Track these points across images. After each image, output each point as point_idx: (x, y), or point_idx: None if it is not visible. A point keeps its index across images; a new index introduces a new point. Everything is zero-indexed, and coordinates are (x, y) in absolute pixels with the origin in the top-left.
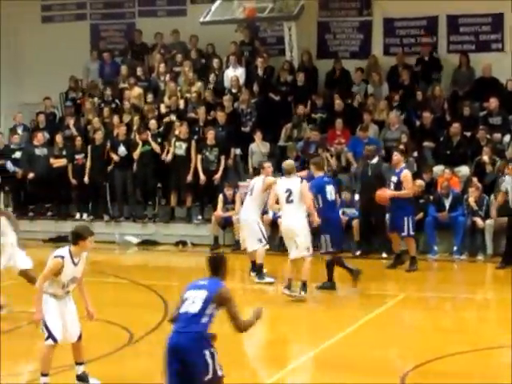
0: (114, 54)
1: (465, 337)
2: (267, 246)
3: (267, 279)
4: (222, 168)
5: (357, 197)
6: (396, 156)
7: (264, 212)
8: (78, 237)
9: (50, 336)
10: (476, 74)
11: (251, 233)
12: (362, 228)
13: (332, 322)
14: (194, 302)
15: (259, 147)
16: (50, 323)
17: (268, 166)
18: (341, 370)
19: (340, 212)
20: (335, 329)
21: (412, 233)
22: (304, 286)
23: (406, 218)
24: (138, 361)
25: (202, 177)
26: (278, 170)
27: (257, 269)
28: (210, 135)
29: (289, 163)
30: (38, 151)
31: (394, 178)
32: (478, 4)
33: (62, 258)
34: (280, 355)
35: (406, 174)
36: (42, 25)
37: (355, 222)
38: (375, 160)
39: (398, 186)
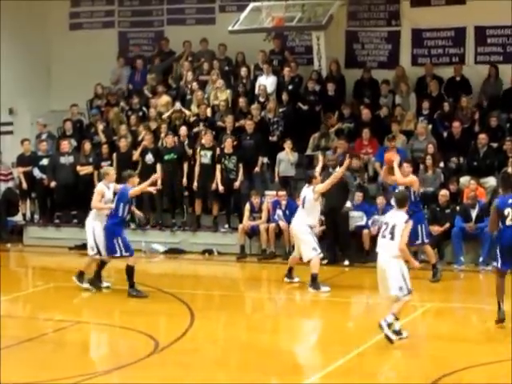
0: (144, 62)
1: (491, 347)
2: (321, 255)
3: (323, 288)
4: (240, 176)
5: None
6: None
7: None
8: None
9: None
10: (504, 85)
11: (304, 243)
12: (327, 237)
13: (360, 332)
14: None
15: (288, 156)
16: None
17: (318, 175)
18: (368, 379)
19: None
20: (363, 338)
21: (426, 240)
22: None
23: (418, 226)
24: (164, 370)
25: (221, 187)
26: (303, 179)
27: (312, 278)
28: (228, 144)
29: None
30: (63, 159)
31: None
32: (505, 16)
33: None
34: (307, 364)
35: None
36: (69, 32)
37: None
38: (338, 169)
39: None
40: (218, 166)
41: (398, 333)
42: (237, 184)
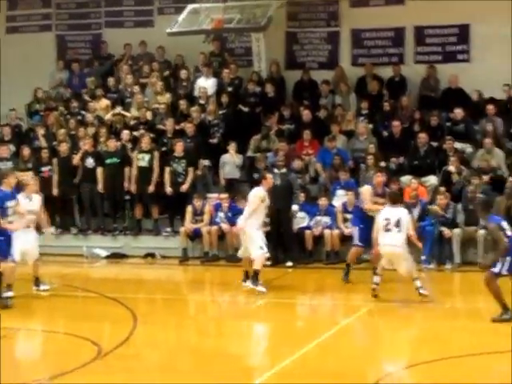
0: (81, 65)
1: (434, 346)
2: (267, 254)
3: (259, 288)
4: (189, 180)
5: None
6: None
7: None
8: None
9: None
10: (443, 84)
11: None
12: (270, 238)
13: (299, 333)
14: None
15: (233, 158)
16: None
17: (270, 177)
18: (312, 380)
19: None
20: (307, 339)
21: (357, 242)
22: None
23: (356, 228)
24: (108, 375)
25: (169, 189)
26: (247, 182)
27: (253, 274)
28: (179, 147)
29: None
30: (1, 165)
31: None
32: (444, 16)
33: None
34: (252, 367)
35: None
36: (6, 35)
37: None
38: (283, 170)
39: None
40: (167, 169)
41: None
42: (185, 187)
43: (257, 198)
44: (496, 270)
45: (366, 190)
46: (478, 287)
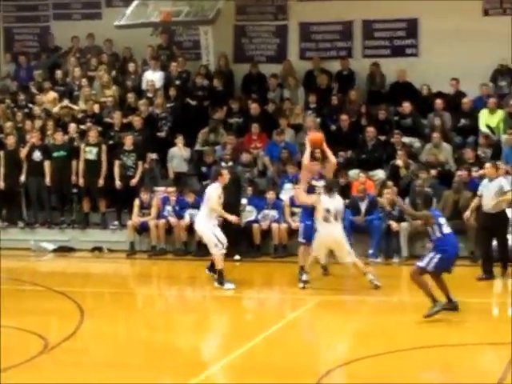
0: (29, 58)
1: (380, 339)
2: (223, 251)
3: (227, 285)
4: (139, 173)
5: None
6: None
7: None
8: None
9: None
10: (391, 78)
11: (207, 241)
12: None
13: (246, 327)
14: None
15: (181, 152)
16: None
17: (226, 173)
18: (256, 376)
19: None
20: (250, 334)
21: (300, 239)
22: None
23: (301, 224)
24: (54, 369)
25: (119, 182)
26: (195, 175)
27: (218, 274)
28: (128, 140)
29: None
30: None
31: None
32: (392, 9)
33: None
34: (195, 361)
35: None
36: None
37: None
38: (231, 163)
39: None
40: (117, 162)
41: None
42: (135, 181)
43: (215, 195)
44: (422, 264)
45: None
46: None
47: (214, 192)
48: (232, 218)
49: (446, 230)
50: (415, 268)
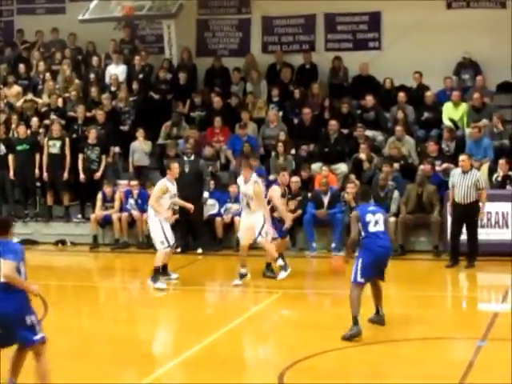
0: None
1: (343, 333)
2: (168, 249)
3: (158, 284)
4: (102, 167)
5: None
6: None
7: None
8: None
9: None
10: (354, 72)
11: (154, 235)
12: (180, 225)
13: (208, 321)
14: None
15: (142, 145)
16: None
17: (175, 166)
18: (217, 369)
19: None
20: (212, 327)
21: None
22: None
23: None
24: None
25: (82, 176)
26: (157, 169)
27: (153, 271)
28: (92, 134)
29: None
30: None
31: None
32: (355, 3)
33: None
34: (158, 354)
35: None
36: None
37: None
38: (193, 157)
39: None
40: (81, 156)
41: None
42: (98, 175)
43: (158, 191)
44: (352, 278)
45: (274, 192)
46: (388, 274)
47: (157, 187)
48: (167, 215)
49: (373, 228)
50: (350, 284)
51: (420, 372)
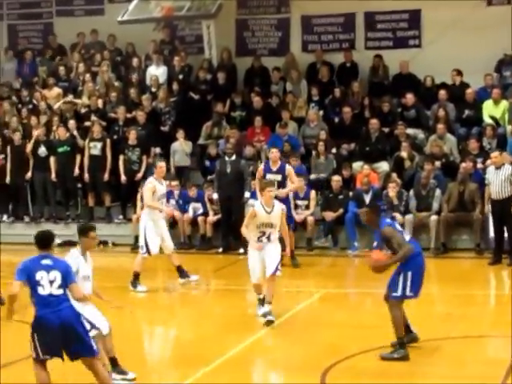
0: (34, 54)
1: (386, 332)
2: (146, 255)
3: (139, 288)
4: (143, 168)
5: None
6: (273, 154)
7: None
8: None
9: None
10: (394, 70)
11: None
12: (222, 225)
13: (250, 321)
14: None
15: (182, 146)
16: None
17: (162, 165)
18: (262, 369)
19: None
20: (253, 327)
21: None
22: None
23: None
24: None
25: (124, 177)
26: (199, 169)
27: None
28: (132, 135)
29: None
30: None
31: (277, 176)
32: (394, 1)
33: None
34: (200, 354)
35: (290, 168)
36: None
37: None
38: (234, 157)
39: (282, 182)
40: (122, 157)
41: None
42: (139, 175)
43: (147, 191)
44: (398, 294)
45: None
46: (430, 273)
47: (146, 186)
48: (167, 210)
49: (407, 236)
50: (391, 300)
51: (461, 371)
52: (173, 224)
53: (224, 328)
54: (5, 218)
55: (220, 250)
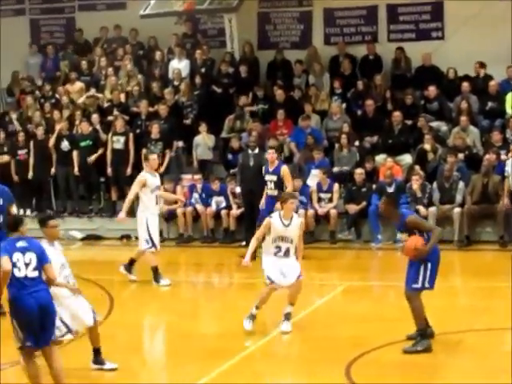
0: (57, 49)
1: (409, 325)
2: (153, 249)
3: (162, 281)
4: (166, 162)
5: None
6: (270, 154)
7: None
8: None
9: None
10: (417, 62)
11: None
12: (244, 219)
13: (273, 314)
14: None
15: (205, 139)
16: None
17: (153, 158)
18: (283, 362)
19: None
20: (277, 320)
21: None
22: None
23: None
24: (83, 356)
25: None
26: (221, 163)
27: (152, 271)
28: (155, 129)
29: None
30: None
31: (273, 177)
32: None
33: None
34: (224, 347)
35: (285, 169)
36: None
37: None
38: (257, 150)
39: (278, 183)
40: (144, 151)
41: None
42: (162, 169)
43: (136, 184)
44: (418, 286)
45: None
46: (453, 266)
47: (136, 180)
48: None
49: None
50: (410, 291)
51: (484, 363)
52: (196, 218)
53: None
54: (28, 212)
55: (243, 243)
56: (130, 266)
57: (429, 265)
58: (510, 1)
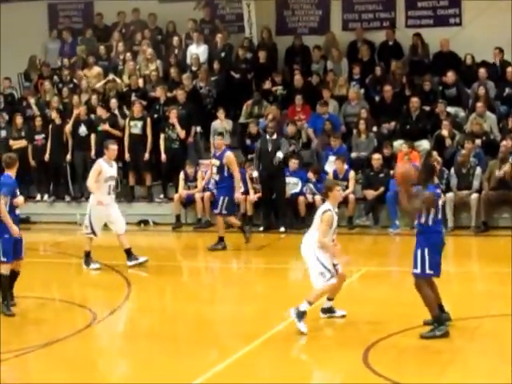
0: (74, 34)
1: (426, 310)
2: (92, 236)
3: (92, 265)
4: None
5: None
6: (217, 140)
7: None
8: None
9: None
10: (434, 48)
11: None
12: (263, 204)
13: (292, 299)
14: None
15: (223, 124)
16: None
17: (113, 148)
18: (301, 347)
19: None
20: (295, 305)
21: (224, 212)
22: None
23: (221, 198)
24: (100, 341)
25: (164, 156)
26: (240, 148)
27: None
28: (173, 114)
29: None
30: None
31: (216, 162)
32: None
33: None
34: (244, 331)
35: (228, 156)
36: None
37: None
38: (275, 136)
39: (221, 168)
40: (162, 136)
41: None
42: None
43: (93, 171)
44: (418, 271)
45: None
46: (471, 251)
47: (93, 168)
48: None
49: (439, 215)
50: (416, 279)
51: (501, 348)
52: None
53: (265, 307)
54: (46, 197)
55: (261, 228)
56: (129, 255)
57: (425, 250)
58: None
